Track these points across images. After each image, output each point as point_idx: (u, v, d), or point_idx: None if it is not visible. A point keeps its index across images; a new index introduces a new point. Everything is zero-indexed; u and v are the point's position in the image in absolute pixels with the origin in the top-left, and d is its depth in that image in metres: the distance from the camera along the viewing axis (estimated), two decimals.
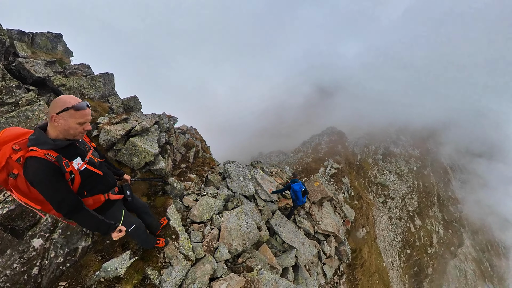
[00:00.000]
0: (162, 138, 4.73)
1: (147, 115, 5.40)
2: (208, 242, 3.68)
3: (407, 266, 24.02)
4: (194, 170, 6.15)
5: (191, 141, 6.99)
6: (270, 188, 6.39)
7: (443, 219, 28.71)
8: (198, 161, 6.62)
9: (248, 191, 5.29)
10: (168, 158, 5.00)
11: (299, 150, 29.74)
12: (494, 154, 34.84)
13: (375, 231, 23.19)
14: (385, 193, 26.75)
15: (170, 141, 5.25)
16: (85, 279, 2.64)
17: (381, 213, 25.62)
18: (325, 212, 7.25)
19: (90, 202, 1.76)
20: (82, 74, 5.16)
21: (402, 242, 24.75)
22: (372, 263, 19.64)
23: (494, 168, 33.33)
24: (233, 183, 5.30)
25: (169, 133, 5.42)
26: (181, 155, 6.29)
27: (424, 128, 30.04)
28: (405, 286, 23.73)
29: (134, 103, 5.64)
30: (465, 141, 32.31)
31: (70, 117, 1.43)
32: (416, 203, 28.07)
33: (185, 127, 9.11)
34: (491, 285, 29.09)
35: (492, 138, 35.84)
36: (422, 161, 28.95)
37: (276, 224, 5.38)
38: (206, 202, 4.38)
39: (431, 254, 25.60)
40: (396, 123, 30.00)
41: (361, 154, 29.08)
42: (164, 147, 4.86)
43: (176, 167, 5.87)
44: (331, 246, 6.81)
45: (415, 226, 26.52)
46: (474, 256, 29.42)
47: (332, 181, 21.72)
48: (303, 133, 34.06)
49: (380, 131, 29.44)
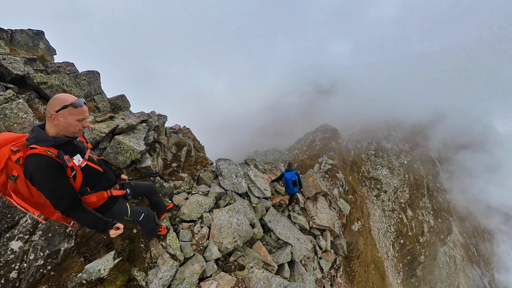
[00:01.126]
0: (150, 136, 4.42)
1: (135, 113, 5.08)
2: (197, 241, 3.41)
3: (400, 255, 24.27)
4: (186, 169, 5.86)
5: (183, 140, 6.69)
6: (268, 178, 6.15)
7: (432, 209, 29.10)
8: (190, 160, 6.33)
9: (240, 188, 5.03)
10: (157, 157, 4.71)
11: (294, 148, 29.68)
12: (477, 145, 35.60)
13: (370, 223, 23.33)
14: (378, 187, 26.94)
15: (160, 139, 4.95)
16: (66, 282, 2.43)
17: (374, 206, 25.79)
18: (320, 207, 7.06)
19: (94, 199, 1.73)
20: (65, 72, 4.80)
21: (395, 232, 24.98)
22: (368, 254, 19.75)
23: (478, 158, 34.06)
24: (225, 181, 5.03)
25: (159, 132, 5.11)
26: (172, 154, 5.99)
27: (413, 124, 30.41)
28: (399, 274, 23.98)
29: (122, 102, 5.31)
30: (450, 134, 32.90)
31: (70, 114, 1.41)
32: (407, 195, 28.37)
33: (178, 127, 8.78)
34: (477, 268, 29.77)
35: (474, 130, 36.63)
36: (412, 155, 29.29)
37: (270, 221, 5.14)
38: (196, 200, 4.10)
39: (422, 242, 25.93)
40: (387, 120, 30.29)
41: (354, 150, 29.21)
42: (153, 146, 4.56)
43: (167, 166, 5.57)
44: (326, 241, 6.62)
45: (407, 217, 26.79)
46: (462, 242, 29.97)
47: (327, 177, 21.68)
48: (297, 131, 34.01)
49: (372, 127, 29.64)
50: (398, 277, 23.72)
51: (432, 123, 32.06)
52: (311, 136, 29.36)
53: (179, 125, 9.16)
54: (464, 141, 33.56)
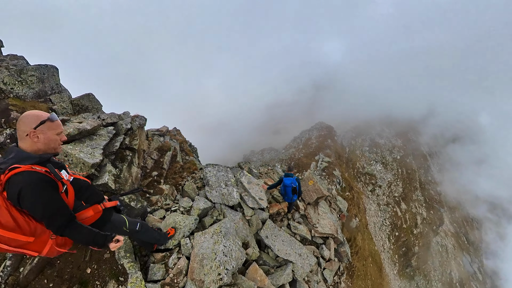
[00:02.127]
0: (117, 143, 3.45)
1: (103, 115, 4.07)
2: (172, 279, 2.51)
3: (396, 247, 24.23)
4: (169, 178, 4.90)
5: (167, 143, 5.70)
6: (263, 185, 5.29)
7: (425, 202, 29.18)
8: (175, 166, 5.37)
9: (231, 199, 4.12)
10: (129, 167, 3.74)
11: (290, 146, 29.07)
12: (465, 138, 36.06)
13: (366, 218, 23.10)
14: (373, 182, 26.75)
15: (133, 145, 3.96)
16: None
17: (370, 200, 25.59)
18: (321, 212, 6.25)
19: (90, 212, 1.62)
20: (8, 66, 3.75)
21: (391, 226, 24.89)
22: (365, 248, 19.49)
23: (466, 150, 34.47)
24: (212, 192, 4.10)
25: (132, 136, 4.11)
26: (154, 161, 5.01)
27: (404, 119, 30.33)
28: (395, 265, 23.96)
29: (89, 102, 4.28)
30: (440, 129, 33.09)
31: (49, 129, 1.35)
32: (401, 189, 28.34)
33: (165, 128, 7.75)
34: (467, 255, 30.25)
35: (462, 125, 37.07)
36: (404, 150, 29.21)
37: (267, 236, 4.28)
38: (173, 221, 3.17)
39: (416, 234, 25.99)
40: (380, 116, 30.10)
41: (349, 146, 28.87)
42: (120, 154, 3.58)
43: (147, 175, 4.60)
44: (330, 249, 5.84)
45: (401, 210, 26.73)
46: (453, 232, 30.32)
47: (324, 175, 21.12)
48: (293, 129, 33.37)
49: (365, 124, 29.34)
50: (394, 268, 23.70)
51: (423, 119, 32.13)
52: (307, 134, 28.80)
53: (167, 127, 8.12)
54: (452, 135, 33.85)
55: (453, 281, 27.03)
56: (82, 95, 4.35)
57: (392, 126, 29.58)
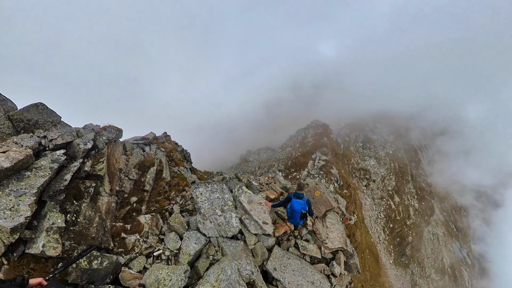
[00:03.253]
0: (68, 174, 2.44)
1: (52, 133, 2.98)
2: None
3: (391, 238, 24.38)
4: (152, 202, 3.92)
5: (150, 157, 4.68)
6: (266, 201, 4.43)
7: (416, 194, 29.47)
8: (161, 185, 4.37)
9: (230, 229, 3.24)
10: (95, 201, 2.75)
11: (286, 145, 28.45)
12: (452, 131, 36.70)
13: (362, 213, 22.96)
14: (367, 177, 26.65)
15: (96, 171, 2.95)
16: None
17: (365, 195, 25.48)
18: (329, 224, 5.49)
19: None
20: None
21: (385, 218, 24.96)
22: (363, 241, 19.32)
23: (453, 143, 35.09)
24: (206, 223, 3.19)
25: (96, 158, 3.09)
26: (133, 181, 4.00)
27: (395, 116, 30.31)
28: (391, 255, 24.13)
29: (39, 114, 3.17)
30: (428, 123, 33.39)
31: None
32: (394, 183, 28.45)
33: (152, 135, 6.66)
34: (457, 242, 31.06)
35: (449, 119, 37.69)
36: (396, 145, 29.26)
37: (275, 269, 3.45)
38: (155, 279, 2.25)
39: (409, 225, 26.25)
40: (372, 113, 29.92)
41: (344, 143, 28.58)
42: (75, 190, 2.56)
43: (124, 203, 3.60)
44: (340, 264, 5.12)
45: (394, 203, 26.84)
46: (443, 221, 30.94)
47: (322, 173, 20.59)
48: (289, 128, 32.68)
49: (359, 120, 29.07)
50: (390, 257, 23.85)
51: (412, 115, 32.26)
52: (303, 133, 28.24)
53: (153, 133, 7.02)
54: (440, 128, 34.29)
55: (445, 267, 27.65)
56: (27, 107, 3.18)
57: (384, 122, 29.52)
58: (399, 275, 24.64)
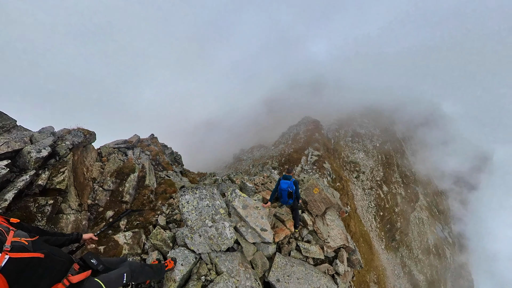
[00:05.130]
0: (10, 192, 1.83)
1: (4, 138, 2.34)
2: None
3: (381, 225, 25.17)
4: (134, 216, 3.34)
5: (130, 162, 4.06)
6: (263, 204, 4.04)
7: (403, 182, 30.63)
8: (144, 193, 3.78)
9: (223, 242, 2.75)
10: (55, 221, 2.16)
11: (279, 142, 28.34)
12: (431, 123, 38.55)
13: (354, 203, 23.44)
14: (357, 169, 27.25)
15: (54, 184, 2.35)
16: None
17: (356, 186, 26.04)
18: (329, 221, 5.19)
19: None
20: None
21: (376, 207, 25.70)
22: (357, 231, 19.70)
23: (433, 133, 36.93)
24: (194, 237, 2.66)
25: (57, 167, 2.48)
26: (109, 192, 3.39)
27: (381, 110, 31.20)
28: (382, 241, 24.95)
29: None
30: (410, 116, 34.81)
31: None
32: (382, 173, 29.36)
33: (136, 138, 5.96)
34: (439, 224, 32.89)
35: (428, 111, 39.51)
36: (382, 138, 30.16)
37: (278, 280, 3.03)
38: None
39: (397, 212, 27.28)
40: (360, 108, 30.58)
41: (334, 138, 28.99)
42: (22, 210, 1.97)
43: (98, 219, 2.99)
44: (343, 262, 4.86)
45: (383, 192, 27.70)
46: (426, 206, 32.50)
47: (315, 168, 20.62)
48: (281, 125, 32.59)
49: (347, 116, 29.53)
50: (382, 243, 24.64)
51: (396, 109, 33.42)
52: (294, 129, 28.23)
53: (137, 136, 6.30)
54: (421, 120, 35.90)
55: (430, 247, 29.12)
56: None
57: (371, 117, 30.26)
58: (390, 258, 25.55)
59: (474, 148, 41.56)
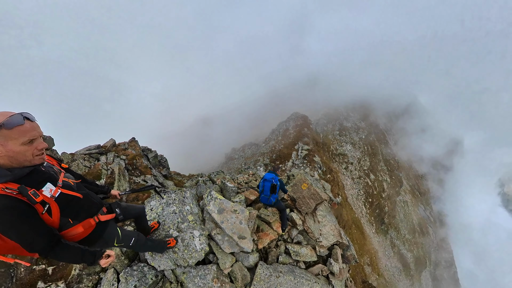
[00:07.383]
0: None
1: None
2: None
3: (371, 210, 25.96)
4: None
5: (96, 168, 3.42)
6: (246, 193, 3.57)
7: (388, 170, 31.78)
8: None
9: (191, 255, 2.23)
10: None
11: (269, 139, 28.08)
12: (409, 112, 40.40)
13: (345, 192, 23.86)
14: (346, 161, 27.78)
15: None
16: None
17: (345, 177, 26.54)
18: (320, 218, 4.84)
19: (80, 229, 1.35)
20: None
21: (365, 194, 26.41)
22: (349, 219, 20.03)
23: (411, 122, 38.75)
24: (155, 252, 2.16)
25: None
26: None
27: (364, 103, 32.03)
28: (373, 226, 25.75)
29: None
30: (391, 108, 36.22)
31: (7, 139, 0.97)
32: (368, 163, 30.18)
33: (111, 142, 5.24)
34: (421, 205, 34.82)
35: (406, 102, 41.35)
36: (367, 130, 30.93)
37: None
38: None
39: (385, 197, 28.29)
40: (345, 103, 31.10)
41: (323, 132, 29.29)
42: None
43: None
44: (338, 260, 4.51)
45: (370, 180, 28.52)
46: (409, 189, 34.16)
47: (306, 162, 20.58)
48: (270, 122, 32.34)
49: (334, 110, 29.88)
50: (372, 228, 25.44)
51: (378, 101, 34.50)
52: (284, 126, 28.07)
53: (113, 140, 5.55)
54: (401, 111, 37.52)
55: (415, 226, 30.66)
56: None
57: (356, 111, 30.86)
58: (381, 241, 26.45)
59: (447, 134, 44.48)
